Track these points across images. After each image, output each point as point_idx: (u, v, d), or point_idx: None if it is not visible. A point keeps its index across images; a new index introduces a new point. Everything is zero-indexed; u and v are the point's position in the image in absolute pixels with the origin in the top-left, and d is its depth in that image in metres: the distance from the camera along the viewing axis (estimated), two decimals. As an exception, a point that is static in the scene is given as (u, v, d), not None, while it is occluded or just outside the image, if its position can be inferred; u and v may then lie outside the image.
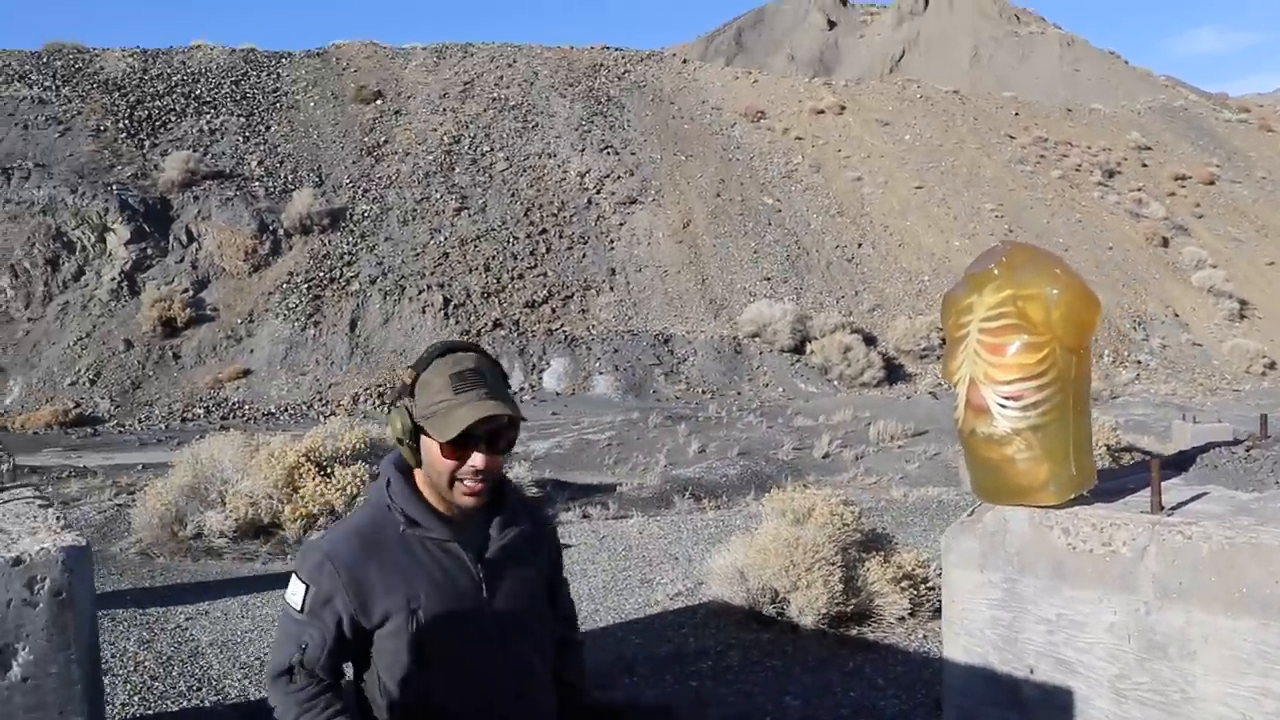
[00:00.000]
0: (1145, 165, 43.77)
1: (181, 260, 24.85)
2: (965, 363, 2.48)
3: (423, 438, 2.11)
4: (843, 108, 41.45)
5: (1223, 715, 2.14)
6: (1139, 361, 30.21)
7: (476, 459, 2.07)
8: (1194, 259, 36.89)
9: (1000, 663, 2.57)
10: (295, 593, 2.12)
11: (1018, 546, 2.53)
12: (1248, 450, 3.05)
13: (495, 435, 2.09)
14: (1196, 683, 2.19)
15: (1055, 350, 2.34)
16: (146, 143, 28.39)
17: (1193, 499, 2.45)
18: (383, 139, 31.50)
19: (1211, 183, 43.65)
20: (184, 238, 25.34)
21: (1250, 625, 2.08)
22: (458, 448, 2.05)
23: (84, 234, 24.39)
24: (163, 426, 19.90)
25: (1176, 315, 33.57)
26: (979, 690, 2.63)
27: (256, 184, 27.79)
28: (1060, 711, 2.47)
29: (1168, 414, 20.38)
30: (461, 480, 2.08)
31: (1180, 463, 2.95)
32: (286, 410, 21.36)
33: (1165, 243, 37.71)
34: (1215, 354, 31.95)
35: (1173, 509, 2.36)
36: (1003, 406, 2.38)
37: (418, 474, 2.18)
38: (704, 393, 23.62)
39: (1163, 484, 2.46)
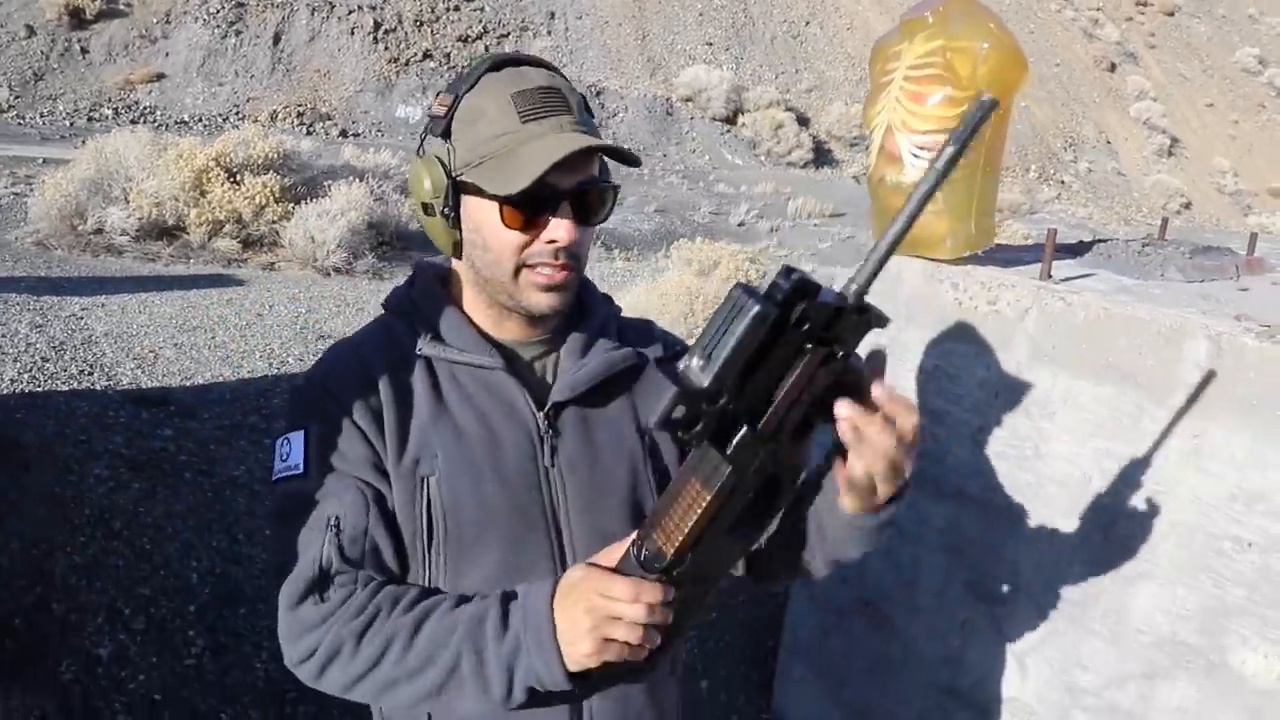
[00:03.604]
0: (1109, -16, 42.99)
1: (92, -56, 23.20)
2: (885, 109, 2.46)
3: (467, 201, 1.32)
4: (814, -124, 39.57)
5: (1067, 471, 2.27)
6: (1063, 182, 30.55)
7: (558, 228, 1.29)
8: (1136, 89, 36.86)
9: (872, 408, 2.67)
10: (287, 452, 1.33)
11: (907, 296, 2.60)
12: (1143, 246, 3.12)
13: (587, 197, 1.31)
14: (1050, 441, 2.31)
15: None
16: None
17: (1080, 276, 2.52)
18: None
19: (1171, 13, 43.13)
20: (94, -81, 23.59)
21: (1109, 392, 2.18)
22: (527, 210, 1.27)
23: (-22, -100, 22.53)
24: (67, 123, 19.05)
25: (1108, 142, 33.81)
26: (848, 432, 2.74)
27: None
28: (921, 456, 2.59)
29: (1080, 236, 20.78)
30: (534, 265, 1.30)
31: (1077, 250, 3.01)
32: (200, 120, 20.58)
33: (1113, 68, 37.52)
34: (1137, 186, 32.44)
35: (1060, 280, 2.43)
36: (915, 156, 2.38)
37: (459, 270, 1.42)
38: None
39: (1055, 262, 2.51)
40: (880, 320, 1.03)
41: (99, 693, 3.25)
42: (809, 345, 0.97)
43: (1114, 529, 2.17)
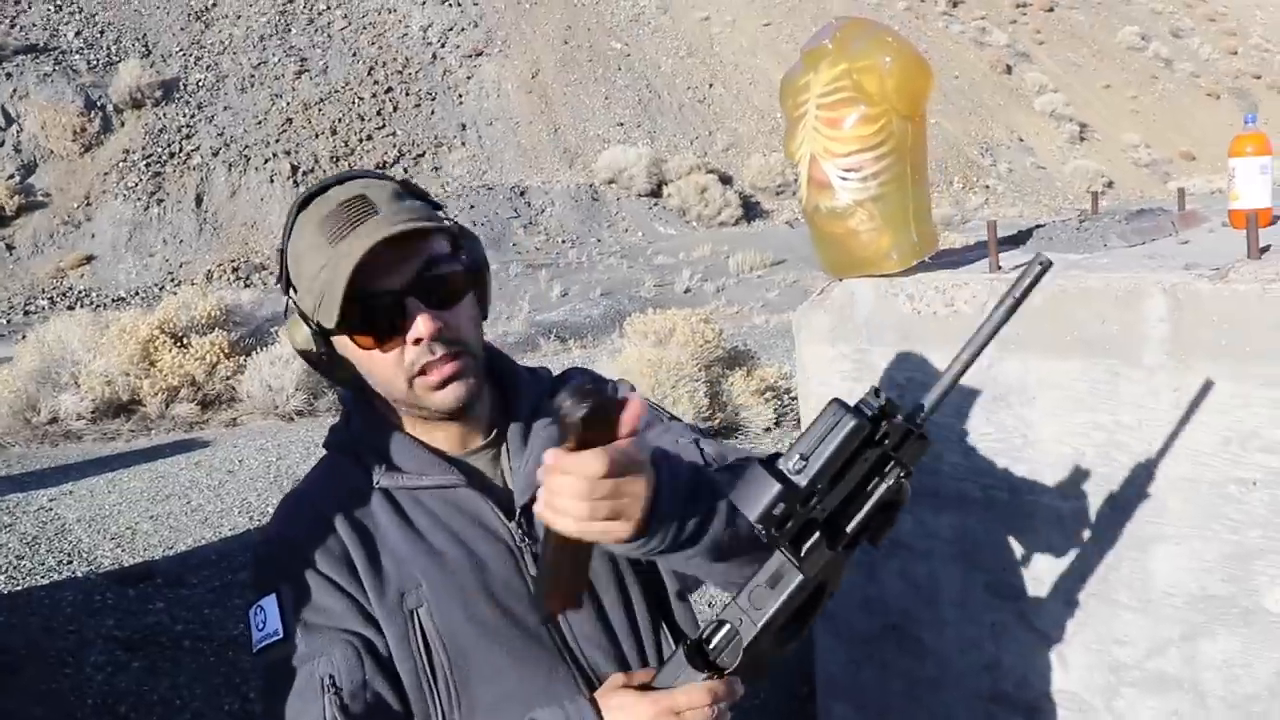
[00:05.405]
0: (987, -7, 44.19)
1: (2, 144, 23.28)
2: (805, 141, 2.49)
3: (335, 341, 1.29)
4: (687, -54, 40.56)
5: (1060, 453, 2.26)
6: (987, 186, 31.09)
7: (415, 326, 1.23)
8: (1036, 85, 37.78)
9: (855, 432, 2.67)
10: (263, 620, 1.24)
11: (865, 316, 2.61)
12: (1080, 223, 3.18)
13: (428, 282, 1.25)
14: (1035, 426, 2.31)
15: (891, 120, 2.36)
16: (-58, 16, 26.22)
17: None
18: (210, 2, 29.73)
19: (1051, 9, 44.37)
20: (1, 120, 23.71)
21: (1080, 365, 2.19)
22: (370, 327, 1.24)
23: (-116, 118, 22.60)
24: (4, 322, 18.96)
25: (1021, 140, 34.52)
26: (837, 461, 2.73)
27: (77, 57, 25.99)
28: (916, 470, 2.58)
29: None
30: (416, 370, 1.26)
31: (1017, 239, 3.05)
32: (137, 294, 20.53)
33: (1009, 70, 38.46)
34: (1058, 176, 33.08)
35: (1010, 269, 2.46)
36: (843, 179, 2.40)
37: (380, 403, 1.36)
38: (564, 242, 23.54)
39: (1000, 253, 2.54)
40: (928, 448, 1.15)
41: None
42: (894, 464, 1.09)
43: (1117, 498, 2.16)
